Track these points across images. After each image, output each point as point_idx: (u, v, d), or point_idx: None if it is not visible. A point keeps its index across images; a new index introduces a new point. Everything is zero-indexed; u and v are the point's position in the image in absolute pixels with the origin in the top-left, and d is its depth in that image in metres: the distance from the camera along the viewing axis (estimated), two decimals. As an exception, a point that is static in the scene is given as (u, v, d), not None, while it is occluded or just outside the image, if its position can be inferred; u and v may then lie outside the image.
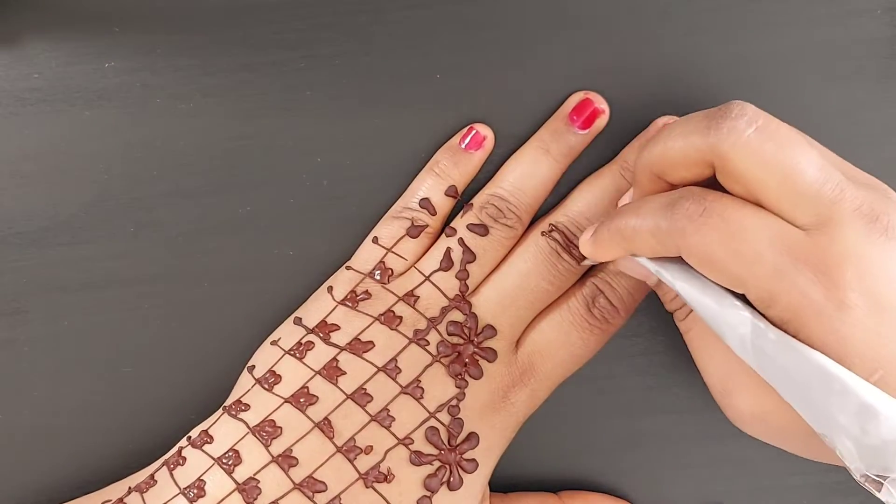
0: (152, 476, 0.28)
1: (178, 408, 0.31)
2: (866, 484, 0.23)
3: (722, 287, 0.25)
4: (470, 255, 0.30)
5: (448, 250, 0.30)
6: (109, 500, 0.28)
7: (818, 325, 0.23)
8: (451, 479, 0.28)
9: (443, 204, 0.31)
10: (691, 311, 0.27)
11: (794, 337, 0.23)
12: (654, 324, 0.32)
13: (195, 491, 0.27)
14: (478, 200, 0.31)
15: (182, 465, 0.28)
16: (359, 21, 0.31)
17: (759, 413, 0.26)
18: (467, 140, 0.31)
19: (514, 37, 0.32)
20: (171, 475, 0.28)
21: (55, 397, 0.31)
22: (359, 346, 0.29)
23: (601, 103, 0.31)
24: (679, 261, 0.26)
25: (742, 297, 0.24)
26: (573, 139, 0.31)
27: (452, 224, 0.31)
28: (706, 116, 0.25)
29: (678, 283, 0.25)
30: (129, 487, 0.28)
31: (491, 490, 0.30)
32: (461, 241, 0.30)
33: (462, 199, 0.31)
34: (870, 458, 0.22)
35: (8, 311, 0.31)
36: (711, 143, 0.24)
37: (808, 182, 0.23)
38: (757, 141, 0.23)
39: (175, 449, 0.29)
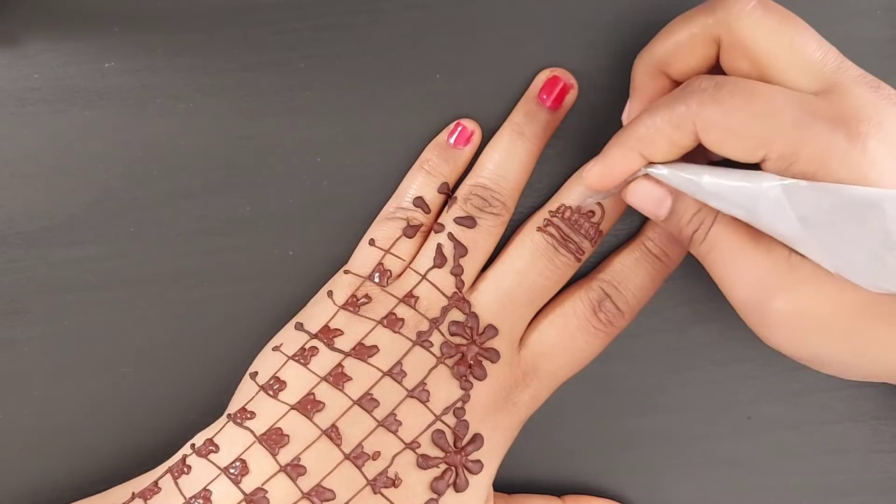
0: (156, 483, 0.28)
1: (178, 408, 0.31)
2: None
3: (741, 170, 0.25)
4: (462, 249, 0.30)
5: (439, 246, 0.30)
6: (113, 504, 0.28)
7: (845, 171, 0.23)
8: (458, 480, 0.28)
9: (436, 201, 0.31)
10: (710, 227, 0.27)
11: None
12: (654, 324, 0.32)
13: (201, 501, 0.27)
14: (461, 192, 0.31)
15: (187, 473, 0.28)
16: (359, 21, 0.31)
17: (798, 309, 0.26)
18: (455, 136, 0.31)
19: (514, 37, 0.32)
20: (176, 483, 0.28)
21: (55, 397, 0.31)
22: (363, 351, 0.29)
23: (569, 79, 0.31)
24: (687, 162, 0.27)
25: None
26: (546, 118, 0.31)
27: (440, 220, 0.31)
28: (706, 2, 0.26)
29: (701, 177, 0.26)
30: (133, 493, 0.28)
31: (494, 491, 0.30)
32: (451, 236, 0.30)
33: (450, 195, 0.31)
34: None
35: (8, 311, 0.31)
36: (719, 16, 0.26)
37: (813, 49, 0.25)
38: (761, 11, 0.25)
39: (179, 456, 0.29)
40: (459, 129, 0.31)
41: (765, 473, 0.32)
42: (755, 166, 0.25)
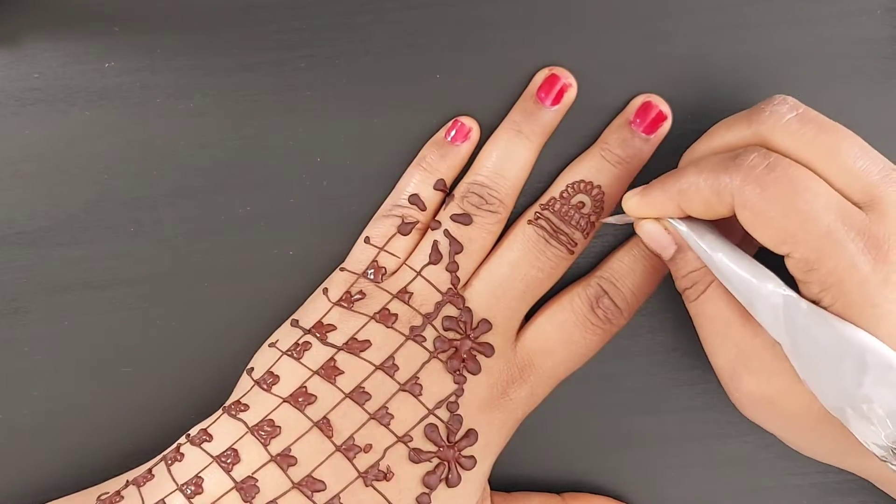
0: (150, 471, 0.28)
1: (177, 407, 0.31)
2: (891, 457, 0.23)
3: (754, 262, 0.25)
4: (457, 246, 0.30)
5: (435, 243, 0.30)
6: (107, 493, 0.28)
7: (860, 295, 0.23)
8: (450, 476, 0.28)
9: (432, 198, 0.31)
10: (703, 291, 0.27)
11: (829, 307, 0.24)
12: (654, 324, 0.32)
13: (192, 488, 0.27)
14: (459, 190, 0.31)
15: (180, 461, 0.28)
16: (359, 21, 0.31)
17: (769, 396, 0.26)
18: (452, 133, 0.31)
19: (513, 37, 0.32)
20: (169, 471, 0.28)
21: (55, 397, 0.31)
22: (356, 346, 0.29)
23: (567, 78, 0.31)
24: (712, 229, 0.27)
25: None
26: (544, 116, 0.31)
27: (437, 217, 0.31)
28: (748, 109, 0.26)
29: (714, 253, 0.26)
30: (127, 481, 0.28)
31: (491, 489, 0.30)
32: (447, 233, 0.30)
33: (447, 192, 0.31)
34: None
35: (8, 311, 0.31)
36: (753, 127, 0.25)
37: (854, 160, 0.24)
38: (797, 123, 0.25)
39: (174, 446, 0.29)
40: (457, 125, 0.31)
41: (764, 473, 0.32)
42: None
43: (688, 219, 0.27)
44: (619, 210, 0.30)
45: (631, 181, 0.31)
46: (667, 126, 0.31)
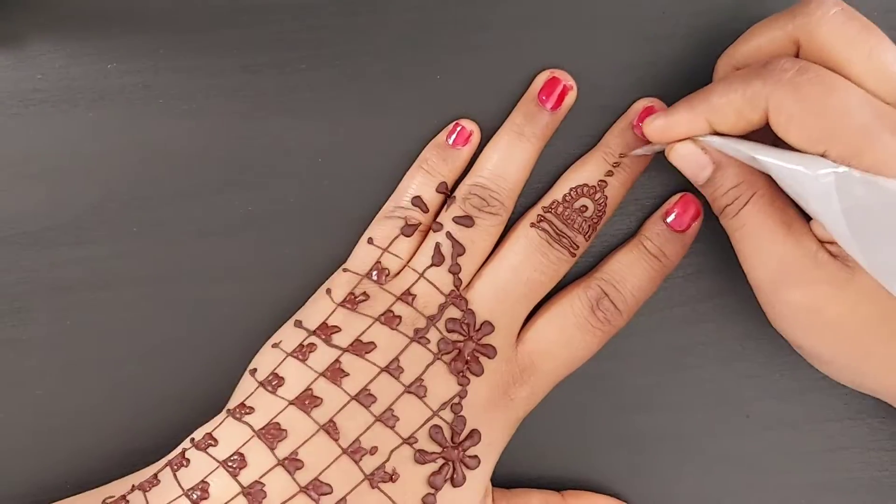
0: (155, 476, 0.28)
1: (179, 407, 0.31)
2: None
3: (798, 153, 0.25)
4: (459, 248, 0.30)
5: (437, 245, 0.30)
6: (112, 497, 0.28)
7: None
8: (455, 476, 0.28)
9: (434, 201, 0.31)
10: (744, 204, 0.27)
11: None
12: (654, 323, 0.32)
13: (199, 493, 0.27)
14: (460, 192, 0.31)
15: (186, 466, 0.28)
16: (359, 21, 0.32)
17: (812, 304, 0.26)
18: (454, 136, 0.31)
19: (514, 38, 0.32)
20: (175, 476, 0.28)
21: (57, 396, 0.31)
22: (360, 347, 0.29)
23: (568, 80, 0.31)
24: (745, 141, 0.27)
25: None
26: (545, 119, 0.31)
27: (438, 219, 0.31)
28: (792, 6, 0.26)
29: (757, 153, 0.26)
30: (133, 485, 0.28)
31: (493, 487, 0.31)
32: (449, 235, 0.30)
33: (448, 195, 0.32)
34: None
35: (11, 311, 0.31)
36: (799, 21, 0.26)
37: (891, 61, 0.25)
38: (843, 17, 0.25)
39: (178, 450, 0.29)
40: (458, 129, 0.31)
41: (764, 471, 0.32)
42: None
43: (716, 134, 0.27)
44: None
45: (632, 185, 0.31)
46: None
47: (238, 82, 0.31)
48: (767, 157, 0.26)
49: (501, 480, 0.31)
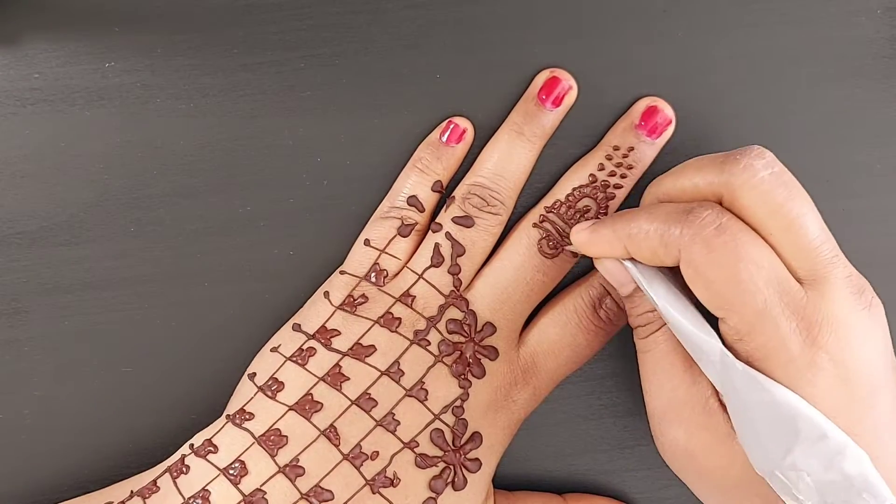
0: (155, 482, 0.28)
1: (177, 407, 0.31)
2: None
3: (700, 313, 0.25)
4: (459, 248, 0.30)
5: (437, 246, 0.30)
6: (112, 502, 0.28)
7: (784, 375, 0.23)
8: (456, 479, 0.28)
9: (430, 200, 0.31)
10: (653, 332, 0.27)
11: None
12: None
13: (199, 501, 0.27)
14: (459, 192, 0.31)
15: (186, 473, 0.28)
16: (359, 21, 0.31)
17: (691, 449, 0.26)
18: (447, 134, 0.31)
19: (513, 37, 0.32)
20: (175, 483, 0.28)
21: (55, 397, 0.31)
22: (361, 351, 0.29)
23: (568, 79, 0.31)
24: (665, 278, 0.26)
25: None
26: (545, 118, 0.31)
27: (438, 219, 0.31)
28: (723, 154, 0.25)
29: (660, 301, 0.25)
30: (132, 491, 0.28)
31: (494, 488, 0.30)
32: (448, 235, 0.30)
33: (445, 194, 0.31)
34: (830, 494, 0.23)
35: (8, 311, 0.31)
36: (725, 177, 0.24)
37: (810, 237, 0.24)
38: (769, 184, 0.24)
39: (177, 456, 0.29)
40: (451, 126, 0.31)
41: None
42: None
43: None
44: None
45: (635, 184, 0.31)
46: (671, 129, 0.31)
47: (237, 81, 0.31)
48: (669, 308, 0.25)
49: (503, 482, 0.31)
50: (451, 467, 0.28)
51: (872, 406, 0.23)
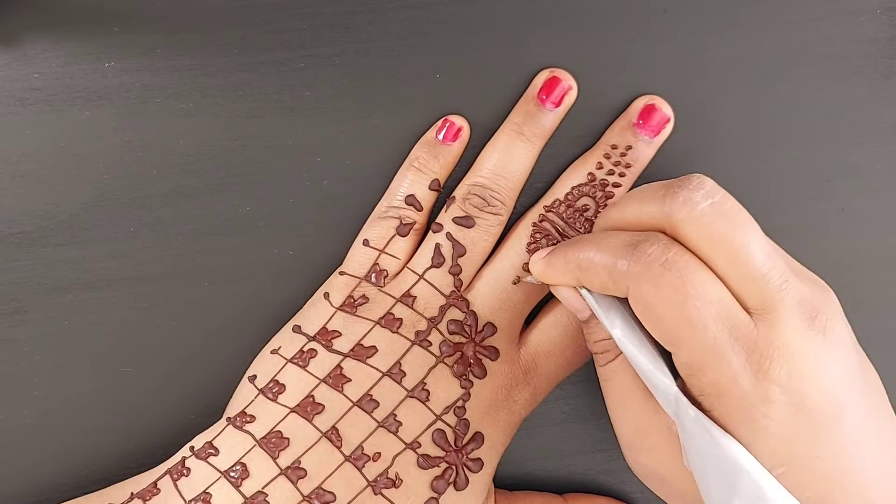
0: (155, 484, 0.28)
1: (177, 407, 0.31)
2: None
3: (656, 348, 0.25)
4: (460, 249, 0.30)
5: (437, 246, 0.30)
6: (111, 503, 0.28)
7: (737, 411, 0.23)
8: (457, 479, 0.28)
9: (427, 198, 0.31)
10: (612, 359, 0.27)
11: (709, 411, 0.24)
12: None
13: None
14: (459, 192, 0.31)
15: (186, 475, 0.28)
16: (359, 21, 0.31)
17: (662, 474, 0.26)
18: (443, 132, 0.31)
19: (513, 37, 0.32)
20: (175, 485, 0.28)
21: (55, 397, 0.31)
22: (362, 352, 0.29)
23: (568, 79, 0.31)
24: (621, 308, 0.26)
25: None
26: (545, 118, 0.31)
27: (438, 219, 0.31)
28: (664, 185, 0.25)
29: (616, 332, 0.25)
30: (132, 493, 0.28)
31: (494, 488, 0.30)
32: (449, 236, 0.30)
33: (444, 194, 0.31)
34: None
35: (8, 311, 0.31)
36: (665, 211, 0.24)
37: (756, 266, 0.23)
38: (710, 216, 0.23)
39: (178, 458, 0.29)
40: (447, 125, 0.31)
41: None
42: None
43: None
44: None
45: (633, 183, 0.31)
46: (669, 128, 0.31)
47: (236, 81, 0.31)
48: (624, 343, 0.25)
49: (503, 481, 0.31)
50: (453, 467, 0.28)
51: (838, 427, 0.23)
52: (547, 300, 0.31)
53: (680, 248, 0.24)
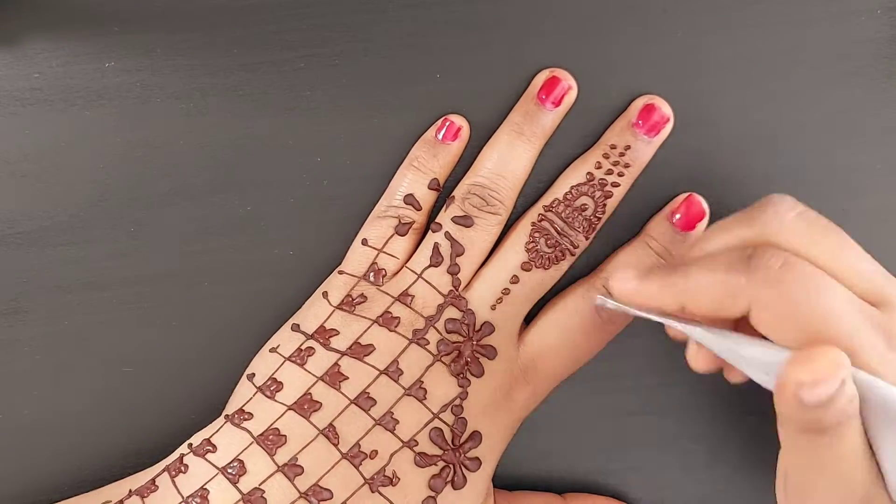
0: (153, 481, 0.28)
1: (177, 407, 0.31)
2: None
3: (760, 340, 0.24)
4: (459, 248, 0.30)
5: (436, 246, 0.30)
6: (110, 501, 0.28)
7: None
8: (455, 478, 0.28)
9: (427, 198, 0.31)
10: (841, 423, 0.23)
11: None
12: (657, 323, 0.32)
13: (198, 500, 0.27)
14: (459, 192, 0.31)
15: (184, 472, 0.28)
16: (359, 21, 0.31)
17: None
18: (442, 131, 0.31)
19: (513, 37, 0.32)
20: (173, 482, 0.28)
21: (55, 397, 0.31)
22: (359, 350, 0.29)
23: (568, 79, 0.31)
24: (717, 336, 0.25)
25: None
26: (545, 118, 0.31)
27: (437, 219, 0.31)
28: (745, 210, 0.25)
29: (742, 346, 0.24)
30: (130, 490, 0.28)
31: (494, 488, 0.30)
32: (448, 235, 0.30)
33: (444, 193, 0.31)
34: None
35: (8, 311, 0.31)
36: (758, 228, 0.24)
37: (860, 261, 0.24)
38: (803, 222, 0.24)
39: (176, 455, 0.29)
40: (447, 124, 0.31)
41: (765, 474, 0.32)
42: None
43: (682, 318, 0.25)
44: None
45: (632, 183, 0.31)
46: (669, 128, 0.31)
47: (237, 81, 0.31)
48: (738, 347, 0.24)
49: (502, 481, 0.31)
50: (451, 466, 0.28)
51: None
52: (546, 300, 0.31)
53: (790, 253, 0.24)
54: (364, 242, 0.31)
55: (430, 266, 0.30)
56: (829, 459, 0.23)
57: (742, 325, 0.25)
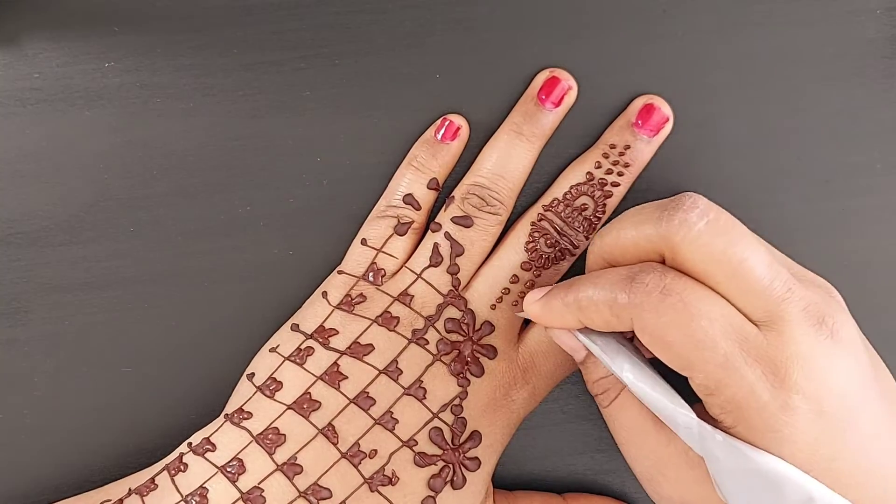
0: (153, 480, 0.28)
1: (177, 407, 0.31)
2: None
3: (664, 384, 0.25)
4: (458, 248, 0.30)
5: (436, 246, 0.30)
6: (109, 500, 0.28)
7: (759, 422, 0.23)
8: (455, 478, 0.28)
9: (426, 198, 0.31)
10: (614, 398, 0.27)
11: (731, 428, 0.23)
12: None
13: (197, 499, 0.27)
14: (459, 192, 0.31)
15: (184, 471, 0.28)
16: (359, 21, 0.31)
17: (688, 501, 0.26)
18: (442, 131, 0.31)
19: (513, 37, 0.32)
20: (173, 481, 0.28)
21: (55, 397, 0.31)
22: (359, 350, 0.29)
23: (568, 79, 0.31)
24: (626, 349, 0.26)
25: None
26: (545, 118, 0.31)
27: (437, 219, 0.31)
28: (658, 207, 0.25)
29: (627, 375, 0.25)
30: (130, 489, 0.28)
31: (493, 488, 0.30)
32: (447, 235, 0.30)
33: (443, 193, 0.31)
34: None
35: (8, 311, 0.31)
36: (662, 233, 0.24)
37: (757, 278, 0.23)
38: (707, 235, 0.23)
39: (175, 454, 0.29)
40: (446, 124, 0.31)
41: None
42: None
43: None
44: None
45: (632, 183, 0.31)
46: (668, 128, 0.31)
47: (237, 81, 0.31)
48: (635, 380, 0.25)
49: (502, 481, 0.31)
50: (450, 466, 0.28)
51: (854, 426, 0.23)
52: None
53: (676, 274, 0.24)
54: (363, 242, 0.31)
55: (429, 266, 0.30)
56: (617, 428, 0.27)
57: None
